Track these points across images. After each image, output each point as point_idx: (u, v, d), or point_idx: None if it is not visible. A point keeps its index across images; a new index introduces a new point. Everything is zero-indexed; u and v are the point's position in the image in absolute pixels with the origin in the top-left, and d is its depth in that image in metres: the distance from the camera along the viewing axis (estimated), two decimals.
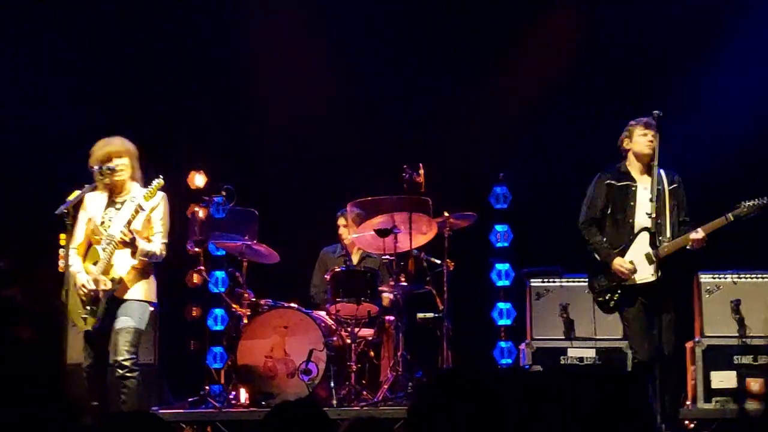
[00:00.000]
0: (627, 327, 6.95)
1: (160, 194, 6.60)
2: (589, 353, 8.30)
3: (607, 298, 6.85)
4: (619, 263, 6.75)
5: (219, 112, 10.00)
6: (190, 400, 8.40)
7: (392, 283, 8.22)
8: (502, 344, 9.59)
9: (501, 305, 9.69)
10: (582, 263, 8.69)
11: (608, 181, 6.95)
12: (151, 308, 6.68)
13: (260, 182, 9.73)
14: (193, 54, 10.03)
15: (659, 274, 6.61)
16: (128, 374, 6.39)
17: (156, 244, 6.55)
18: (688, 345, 8.16)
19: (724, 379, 7.96)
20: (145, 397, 7.43)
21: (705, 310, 8.17)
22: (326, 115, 9.82)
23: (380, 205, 8.21)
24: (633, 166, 6.96)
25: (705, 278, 8.22)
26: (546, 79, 9.78)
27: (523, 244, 9.78)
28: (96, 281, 6.41)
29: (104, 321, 6.45)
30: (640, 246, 6.75)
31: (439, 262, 8.40)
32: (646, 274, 6.70)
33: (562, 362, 8.27)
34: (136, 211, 6.37)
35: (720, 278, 8.20)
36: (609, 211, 6.93)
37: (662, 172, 6.80)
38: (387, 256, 8.26)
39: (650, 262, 6.67)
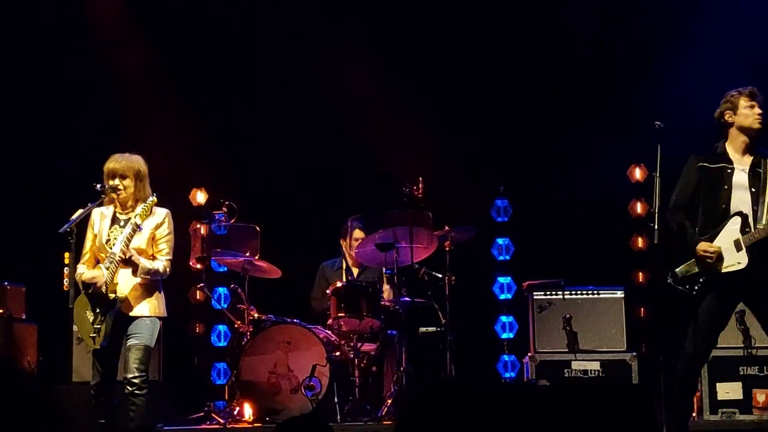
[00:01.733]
0: (692, 318, 6.33)
1: (164, 212, 6.63)
2: (594, 366, 8.29)
3: (688, 287, 6.34)
4: (703, 247, 6.23)
5: (219, 129, 10.02)
6: (194, 416, 8.40)
7: (388, 287, 8.22)
8: (506, 357, 9.59)
9: (503, 318, 9.69)
10: (584, 275, 8.79)
11: (701, 164, 6.42)
12: (159, 323, 6.69)
13: (261, 198, 9.74)
14: (193, 70, 10.05)
15: (748, 262, 6.15)
16: (137, 392, 6.41)
17: (160, 261, 6.56)
18: None
19: (730, 391, 7.94)
20: (150, 414, 7.44)
21: None
22: (326, 131, 9.85)
23: (381, 219, 8.22)
24: (733, 145, 6.40)
25: None
26: (546, 92, 9.81)
27: (524, 257, 9.78)
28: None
29: (112, 339, 6.45)
30: (731, 232, 6.26)
31: (440, 275, 8.42)
32: (732, 261, 6.22)
33: (566, 375, 8.27)
34: (133, 230, 6.40)
35: None
36: (702, 196, 6.39)
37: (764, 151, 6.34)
38: (388, 271, 8.27)
39: (738, 249, 6.21)
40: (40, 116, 9.61)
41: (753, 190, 6.26)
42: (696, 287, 6.34)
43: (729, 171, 6.34)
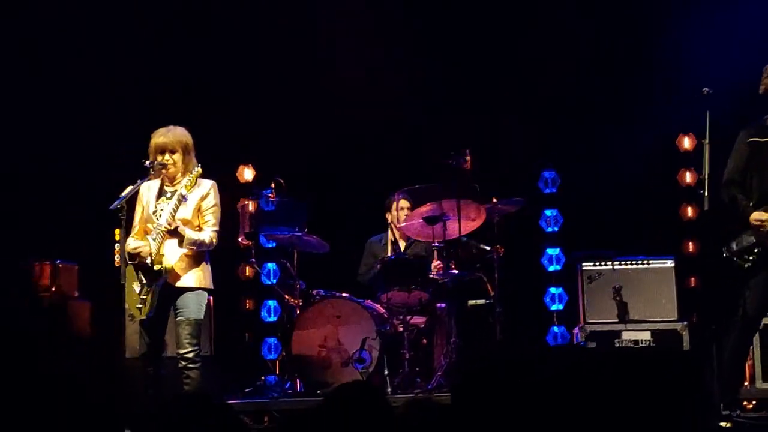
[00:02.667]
0: (748, 289, 6.35)
1: (209, 183, 6.64)
2: (645, 335, 8.26)
3: (744, 258, 6.31)
4: (757, 216, 6.24)
5: (267, 105, 10.04)
6: (246, 390, 8.48)
7: (438, 261, 8.23)
8: (555, 329, 9.57)
9: (553, 290, 9.66)
10: (634, 245, 8.74)
11: (750, 139, 6.40)
12: (208, 296, 6.73)
13: (308, 173, 9.77)
14: (240, 48, 10.07)
15: None
16: (191, 365, 6.45)
17: (206, 232, 6.57)
18: None
19: None
20: (204, 389, 7.52)
21: None
22: (372, 104, 9.83)
23: (428, 192, 8.23)
24: None
25: None
26: (593, 61, 9.73)
27: (573, 228, 9.74)
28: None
29: (158, 310, 6.49)
30: None
31: (489, 248, 8.40)
32: None
33: (617, 345, 8.24)
34: (179, 201, 6.43)
35: None
36: (753, 170, 6.39)
37: None
38: (436, 244, 8.27)
39: None
40: (90, 96, 9.66)
41: None
42: (751, 258, 6.32)
43: None
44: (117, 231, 6.46)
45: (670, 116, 9.28)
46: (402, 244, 8.93)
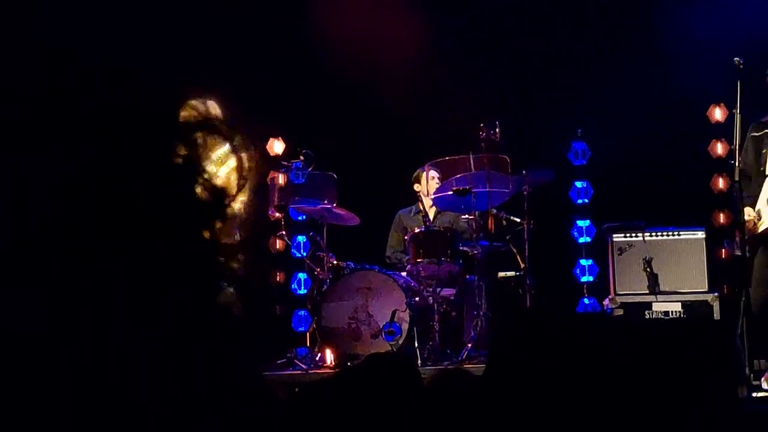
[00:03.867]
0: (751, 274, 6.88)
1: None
2: (675, 307, 8.23)
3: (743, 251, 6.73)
4: (746, 213, 6.67)
5: (296, 78, 10.06)
6: (277, 362, 8.53)
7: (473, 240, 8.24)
8: (586, 301, 9.55)
9: (583, 262, 9.63)
10: (664, 217, 8.70)
11: (752, 134, 6.86)
12: None
13: (338, 146, 9.78)
14: (270, 23, 10.07)
15: None
16: None
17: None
18: None
19: None
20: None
21: None
22: (401, 75, 9.81)
23: (458, 164, 8.22)
24: None
25: None
26: (622, 34, 9.68)
27: (603, 199, 9.70)
28: None
29: None
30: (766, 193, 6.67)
31: (518, 220, 8.39)
32: (766, 220, 6.64)
33: (647, 317, 8.23)
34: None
35: None
36: (749, 164, 6.87)
37: None
38: (466, 216, 8.27)
39: None
40: None
41: None
42: (746, 248, 6.69)
43: None
44: None
45: (701, 86, 9.20)
46: (432, 216, 8.94)
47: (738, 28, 9.12)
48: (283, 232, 8.90)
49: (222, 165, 1.32)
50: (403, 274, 8.45)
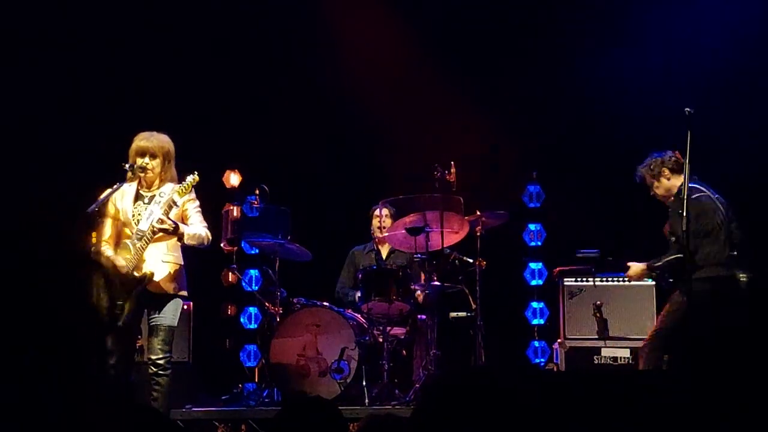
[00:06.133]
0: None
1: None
2: (624, 353, 8.25)
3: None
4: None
5: (253, 112, 10.03)
6: (224, 398, 8.45)
7: (424, 280, 8.22)
8: (536, 343, 9.56)
9: (534, 304, 9.66)
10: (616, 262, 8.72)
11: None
12: (184, 304, 6.71)
13: (293, 181, 9.76)
14: (228, 52, 10.05)
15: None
16: (161, 372, 6.42)
17: (200, 228, 6.56)
18: None
19: None
20: (179, 395, 7.48)
21: None
22: (358, 114, 9.83)
23: (412, 203, 8.21)
24: None
25: None
26: (578, 78, 9.73)
27: (556, 243, 9.74)
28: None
29: (133, 317, 6.46)
30: None
31: (471, 260, 8.39)
32: None
33: (596, 362, 8.24)
34: (170, 207, 6.39)
35: None
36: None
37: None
38: (419, 255, 8.25)
39: None
40: (73, 99, 9.57)
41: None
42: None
43: None
44: (93, 234, 6.41)
45: (656, 132, 9.25)
46: (385, 254, 8.92)
47: (691, 75, 9.23)
48: (235, 266, 8.85)
49: None
50: (354, 311, 8.40)
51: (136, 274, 6.40)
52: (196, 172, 6.49)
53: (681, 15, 9.51)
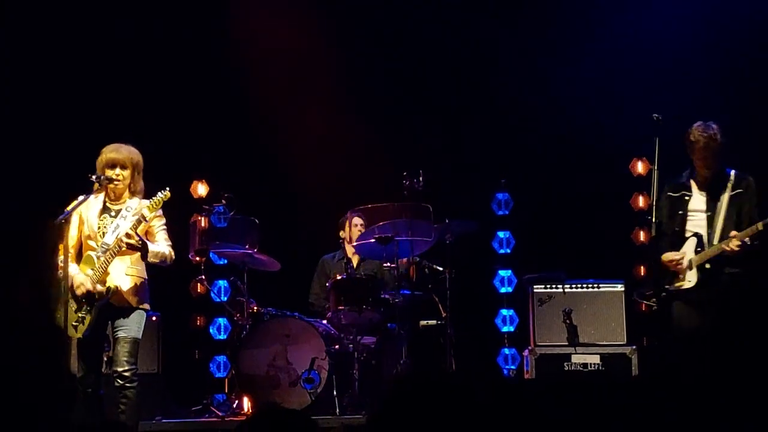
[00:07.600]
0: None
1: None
2: (594, 359, 8.26)
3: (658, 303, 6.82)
4: (670, 256, 6.78)
5: (221, 122, 9.98)
6: (193, 409, 8.39)
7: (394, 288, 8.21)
8: (506, 351, 9.57)
9: (504, 312, 9.68)
10: (585, 268, 8.76)
11: (669, 193, 6.92)
12: (149, 316, 6.66)
13: (261, 191, 9.72)
14: (196, 62, 9.99)
15: (698, 281, 6.67)
16: (128, 384, 6.34)
17: (165, 246, 6.52)
18: None
19: None
20: (148, 407, 7.42)
21: None
22: (326, 123, 9.79)
23: (381, 212, 8.20)
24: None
25: None
26: (547, 85, 9.75)
27: (525, 250, 9.75)
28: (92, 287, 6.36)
29: (96, 329, 6.40)
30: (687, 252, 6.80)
31: (441, 268, 8.39)
32: (684, 280, 6.76)
33: (566, 369, 8.24)
34: (138, 222, 6.34)
35: None
36: (671, 222, 6.92)
37: (732, 173, 6.77)
38: (388, 264, 8.24)
39: (690, 268, 6.75)
40: (41, 112, 9.48)
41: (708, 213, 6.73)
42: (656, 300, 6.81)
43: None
44: (61, 246, 6.33)
45: (625, 139, 9.31)
46: (355, 262, 8.90)
47: (658, 81, 9.28)
48: (203, 277, 8.79)
49: None
50: (324, 321, 8.38)
51: (100, 287, 6.34)
52: (168, 189, 6.42)
53: (645, 19, 9.55)
